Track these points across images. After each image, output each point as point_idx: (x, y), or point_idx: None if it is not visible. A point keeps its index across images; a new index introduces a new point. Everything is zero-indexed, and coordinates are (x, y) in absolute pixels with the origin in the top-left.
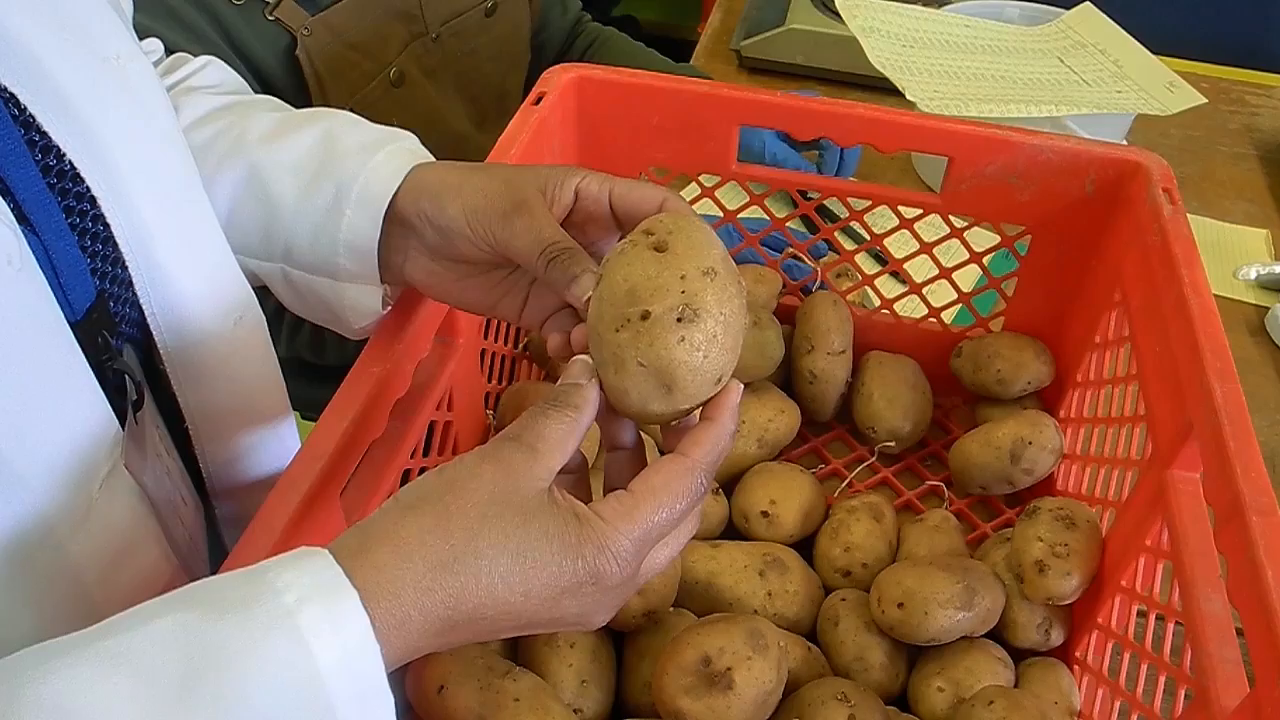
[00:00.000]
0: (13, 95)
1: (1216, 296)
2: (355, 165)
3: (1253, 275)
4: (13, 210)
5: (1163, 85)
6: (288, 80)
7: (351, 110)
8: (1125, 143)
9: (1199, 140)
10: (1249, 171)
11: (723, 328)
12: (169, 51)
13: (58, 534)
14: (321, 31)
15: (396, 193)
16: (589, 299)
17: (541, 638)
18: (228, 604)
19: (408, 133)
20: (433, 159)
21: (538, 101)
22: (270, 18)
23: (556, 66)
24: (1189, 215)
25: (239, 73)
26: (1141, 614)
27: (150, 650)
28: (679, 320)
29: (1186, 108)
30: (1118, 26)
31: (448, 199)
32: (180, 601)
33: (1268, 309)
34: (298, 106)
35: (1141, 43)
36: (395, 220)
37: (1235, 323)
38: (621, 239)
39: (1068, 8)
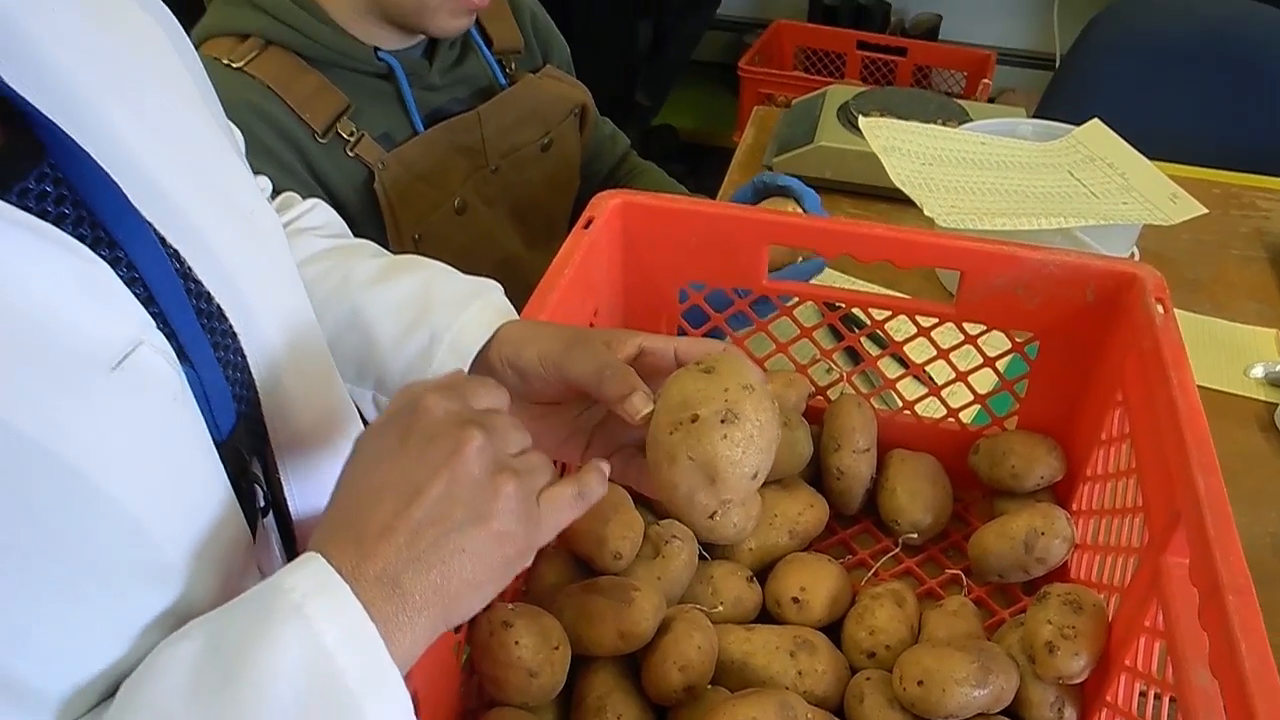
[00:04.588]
0: (175, 251)
1: (1227, 394)
2: (448, 317)
3: (1261, 373)
4: (175, 350)
5: (1166, 197)
6: (362, 208)
7: (418, 236)
8: (1135, 249)
9: (1211, 244)
10: (1260, 273)
11: (758, 431)
12: (275, 188)
13: None
14: (395, 165)
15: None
16: (642, 416)
17: (591, 709)
18: (245, 609)
19: (494, 284)
20: (515, 313)
21: (587, 225)
22: (351, 154)
23: (604, 193)
24: (1201, 316)
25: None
26: (1143, 693)
27: (189, 652)
28: (722, 421)
29: (1188, 218)
30: (1123, 140)
31: (525, 346)
32: (209, 616)
33: (1277, 405)
34: (371, 231)
35: (1156, 150)
36: (480, 366)
37: (1245, 419)
38: None
39: (1078, 124)
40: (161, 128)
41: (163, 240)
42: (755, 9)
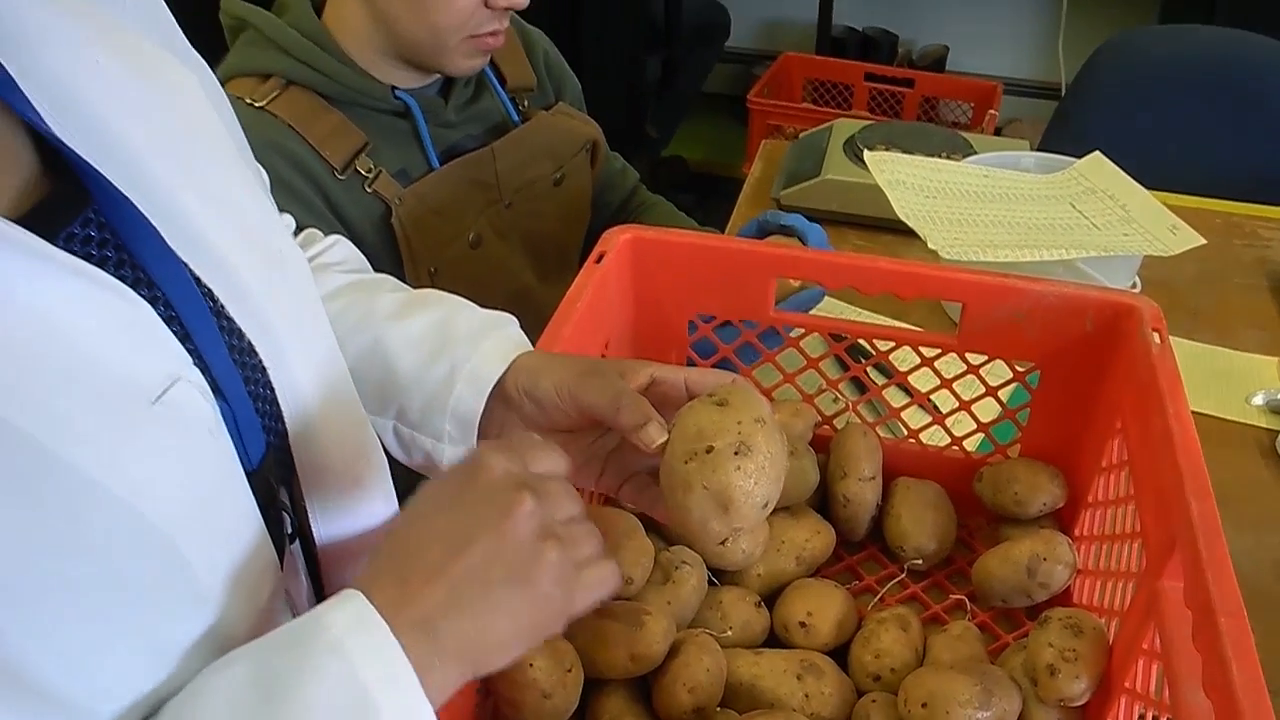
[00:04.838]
0: (209, 290)
1: (1229, 421)
2: (467, 349)
3: (1262, 401)
4: (210, 385)
5: (1166, 228)
6: (380, 242)
7: (434, 269)
8: (1137, 279)
9: (1214, 273)
10: (1262, 302)
11: (770, 462)
12: (297, 225)
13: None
14: (411, 201)
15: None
16: (657, 445)
17: None
18: (287, 641)
19: (509, 317)
20: (530, 345)
21: (599, 260)
22: (369, 190)
23: (615, 228)
24: (1203, 345)
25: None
26: (1142, 715)
27: (231, 681)
28: (736, 453)
29: (1187, 249)
30: (1123, 172)
31: (541, 376)
32: (251, 647)
33: (1278, 432)
34: (388, 265)
35: (1159, 179)
36: (497, 397)
37: (1247, 445)
38: None
39: (1084, 152)
40: (196, 173)
41: (197, 280)
42: (764, 41)
